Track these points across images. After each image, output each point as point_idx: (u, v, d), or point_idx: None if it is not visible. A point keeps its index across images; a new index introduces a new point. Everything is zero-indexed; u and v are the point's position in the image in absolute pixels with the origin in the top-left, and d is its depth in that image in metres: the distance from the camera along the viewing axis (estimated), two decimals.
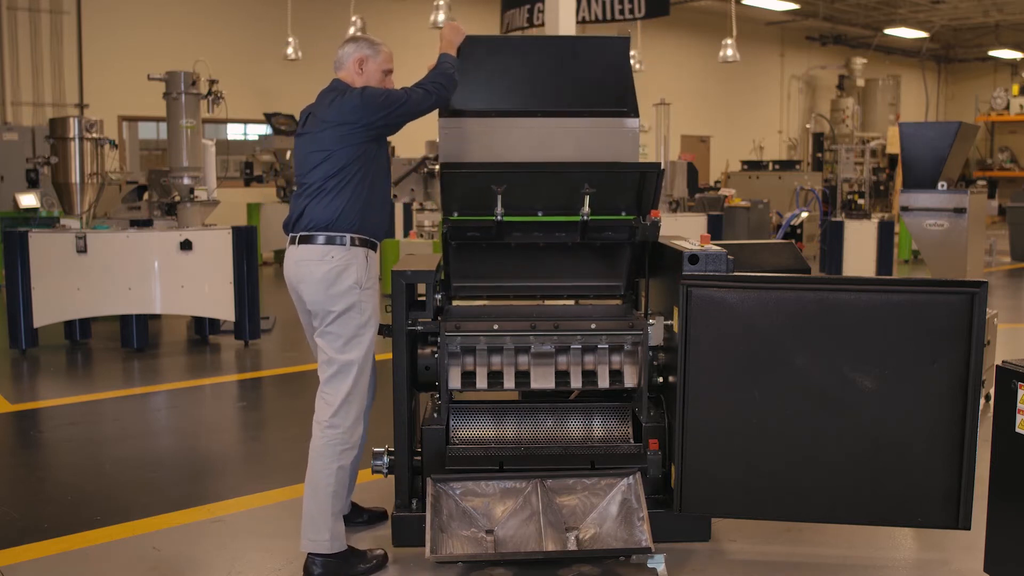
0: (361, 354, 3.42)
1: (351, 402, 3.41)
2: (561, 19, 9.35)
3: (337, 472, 3.40)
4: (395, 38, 16.35)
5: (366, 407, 3.57)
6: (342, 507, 3.46)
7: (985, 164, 26.16)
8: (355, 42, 3.54)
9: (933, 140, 6.48)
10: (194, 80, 8.00)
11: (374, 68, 3.51)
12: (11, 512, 4.11)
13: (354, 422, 3.43)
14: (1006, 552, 3.06)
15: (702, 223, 11.34)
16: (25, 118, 13.40)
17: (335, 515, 3.40)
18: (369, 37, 3.60)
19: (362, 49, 3.51)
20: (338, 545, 3.40)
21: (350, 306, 3.38)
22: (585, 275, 4.06)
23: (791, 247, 4.15)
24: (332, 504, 3.39)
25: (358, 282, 3.39)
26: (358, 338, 3.41)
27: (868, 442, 3.34)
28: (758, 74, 23.47)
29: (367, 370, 3.47)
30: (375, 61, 3.51)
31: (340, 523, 3.43)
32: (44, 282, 7.34)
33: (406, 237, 11.29)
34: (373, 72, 3.51)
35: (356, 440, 3.46)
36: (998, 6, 21.90)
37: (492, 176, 3.51)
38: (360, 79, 3.49)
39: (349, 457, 3.44)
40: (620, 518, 3.44)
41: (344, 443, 3.41)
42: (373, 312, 3.45)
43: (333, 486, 3.39)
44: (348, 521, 3.79)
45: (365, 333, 3.42)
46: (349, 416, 3.41)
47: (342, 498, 3.45)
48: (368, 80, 3.50)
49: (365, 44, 3.53)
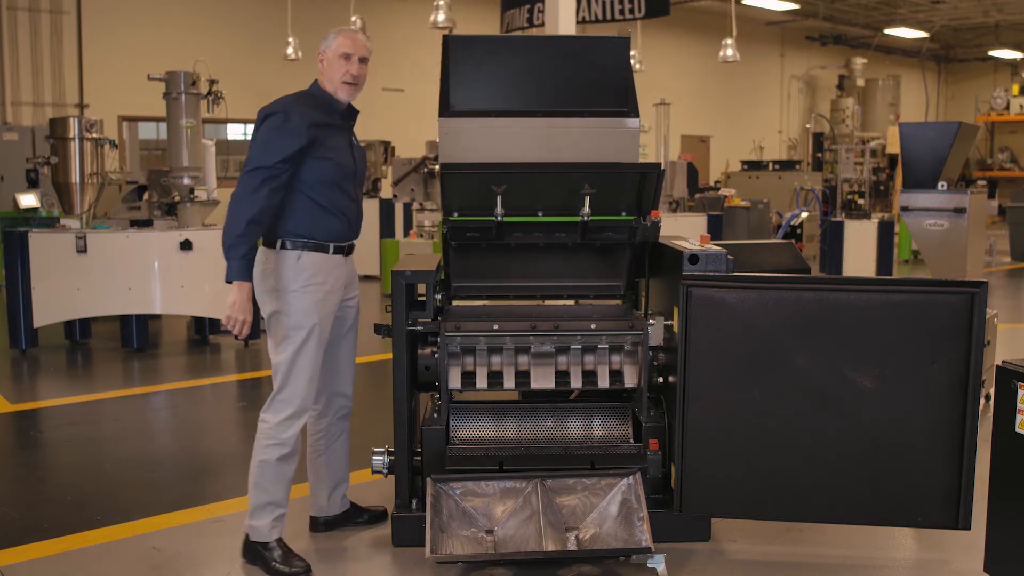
0: (287, 357, 3.38)
1: (282, 401, 3.41)
2: (561, 19, 9.34)
3: (260, 465, 3.42)
4: (395, 38, 16.44)
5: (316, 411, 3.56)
6: (268, 501, 3.43)
7: (985, 164, 26.16)
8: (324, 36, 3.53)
9: (933, 140, 6.48)
10: (194, 80, 8.00)
11: (330, 57, 3.45)
12: (11, 512, 4.11)
13: (283, 422, 3.40)
14: (1006, 552, 3.06)
15: (702, 223, 11.34)
16: (25, 118, 13.40)
17: (257, 507, 3.43)
18: (338, 27, 3.56)
19: (322, 43, 3.50)
20: (257, 535, 3.45)
21: (276, 308, 3.40)
22: (585, 275, 4.06)
23: (791, 247, 4.15)
24: (253, 495, 3.44)
25: (283, 285, 3.37)
26: (286, 340, 3.39)
27: (868, 442, 3.34)
28: (758, 74, 23.47)
29: (300, 374, 3.40)
30: (330, 50, 3.45)
31: (263, 517, 3.43)
32: (44, 282, 7.34)
33: (406, 237, 11.28)
34: (331, 60, 3.45)
35: (286, 439, 3.41)
36: (998, 6, 21.90)
37: (492, 176, 3.51)
38: (321, 70, 3.49)
39: (274, 454, 3.40)
40: (620, 518, 3.44)
41: (269, 438, 3.41)
42: (304, 315, 3.38)
43: (255, 477, 3.43)
44: (348, 520, 3.81)
45: (293, 336, 3.38)
46: (278, 415, 3.41)
47: (269, 493, 3.42)
48: (327, 69, 3.46)
49: (325, 37, 3.51)
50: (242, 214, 3.24)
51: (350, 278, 3.63)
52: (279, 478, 3.44)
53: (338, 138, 3.50)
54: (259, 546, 3.46)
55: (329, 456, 3.74)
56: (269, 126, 3.33)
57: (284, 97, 3.42)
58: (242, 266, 3.26)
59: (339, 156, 3.46)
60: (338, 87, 3.47)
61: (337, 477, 3.78)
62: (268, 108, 3.39)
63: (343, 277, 3.55)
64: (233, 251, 3.24)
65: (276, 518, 3.46)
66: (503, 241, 3.74)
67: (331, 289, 3.47)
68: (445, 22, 11.41)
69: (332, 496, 3.79)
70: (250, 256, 3.28)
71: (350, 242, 3.57)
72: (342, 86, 3.47)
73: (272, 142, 3.31)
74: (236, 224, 3.24)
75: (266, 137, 3.32)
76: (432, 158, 10.75)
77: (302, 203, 3.39)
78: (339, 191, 3.47)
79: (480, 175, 3.52)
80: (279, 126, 3.32)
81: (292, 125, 3.32)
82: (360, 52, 3.47)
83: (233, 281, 3.26)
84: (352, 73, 3.46)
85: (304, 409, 3.46)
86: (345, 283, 3.57)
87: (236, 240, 3.24)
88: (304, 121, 3.34)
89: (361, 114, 3.66)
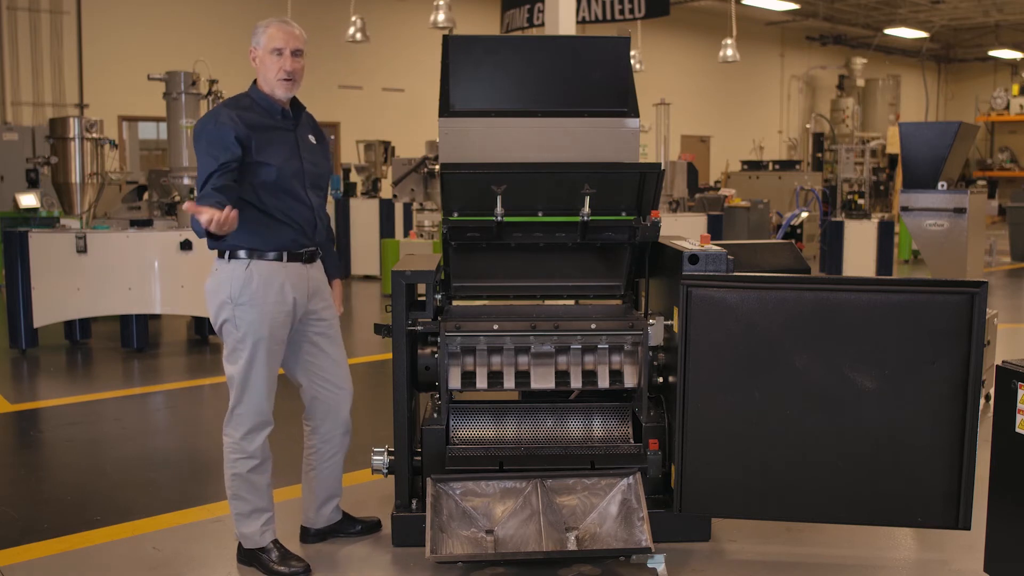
0: (239, 369, 3.30)
1: (240, 415, 3.35)
2: (561, 19, 9.35)
3: (233, 479, 3.38)
4: (395, 38, 16.44)
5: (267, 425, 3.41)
6: (251, 508, 3.40)
7: (985, 164, 26.17)
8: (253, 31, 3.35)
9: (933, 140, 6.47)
10: (194, 80, 8.00)
11: (262, 54, 3.28)
12: (11, 512, 4.11)
13: (245, 435, 3.34)
14: (1006, 552, 3.06)
15: (702, 223, 11.34)
16: (25, 118, 13.41)
17: (241, 516, 3.41)
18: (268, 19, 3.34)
19: (252, 39, 3.32)
20: (250, 543, 3.44)
21: (224, 319, 3.30)
22: (585, 275, 4.06)
23: (791, 247, 4.15)
24: (234, 506, 3.42)
25: (231, 295, 3.26)
26: (236, 352, 3.30)
27: (868, 442, 3.34)
28: (758, 74, 23.48)
29: (254, 388, 3.32)
30: (260, 46, 3.28)
31: (251, 524, 3.41)
32: (44, 282, 7.34)
33: (406, 237, 11.28)
34: (262, 58, 3.28)
35: (253, 451, 3.35)
36: (998, 6, 21.90)
37: (492, 176, 3.51)
38: (255, 67, 3.33)
39: (243, 467, 3.35)
40: (620, 518, 3.44)
41: (236, 452, 3.36)
42: (252, 326, 3.26)
43: (231, 491, 3.41)
44: (341, 531, 3.73)
45: (242, 348, 3.28)
46: (239, 428, 3.35)
47: (250, 502, 3.39)
48: (260, 67, 3.29)
49: (255, 31, 3.32)
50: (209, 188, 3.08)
51: (316, 286, 3.46)
52: (255, 487, 3.39)
53: (280, 140, 3.32)
54: (255, 552, 3.44)
55: (320, 472, 3.64)
56: (202, 140, 3.19)
57: (213, 107, 3.30)
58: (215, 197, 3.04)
59: (280, 159, 3.28)
60: (274, 85, 3.30)
61: (327, 493, 3.67)
62: (199, 121, 3.26)
63: (302, 286, 3.39)
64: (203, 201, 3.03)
65: (264, 522, 3.43)
66: (503, 241, 3.74)
67: (283, 300, 3.33)
68: (445, 22, 11.42)
69: (321, 510, 3.68)
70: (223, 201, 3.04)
71: (307, 249, 3.41)
72: (278, 84, 3.29)
73: (211, 148, 3.16)
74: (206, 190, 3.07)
75: (204, 147, 3.18)
76: (432, 158, 10.75)
77: (247, 212, 3.21)
78: (286, 196, 3.30)
79: (480, 175, 3.52)
80: (211, 130, 3.18)
81: (221, 125, 3.18)
82: (292, 44, 3.28)
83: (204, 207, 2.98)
84: (286, 69, 3.28)
85: (263, 421, 3.37)
86: (310, 292, 3.42)
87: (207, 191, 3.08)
88: (232, 121, 3.19)
89: (361, 114, 3.63)
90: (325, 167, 3.54)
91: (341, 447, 3.66)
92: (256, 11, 15.19)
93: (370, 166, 13.84)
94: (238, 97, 3.36)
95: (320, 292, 3.50)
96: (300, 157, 3.37)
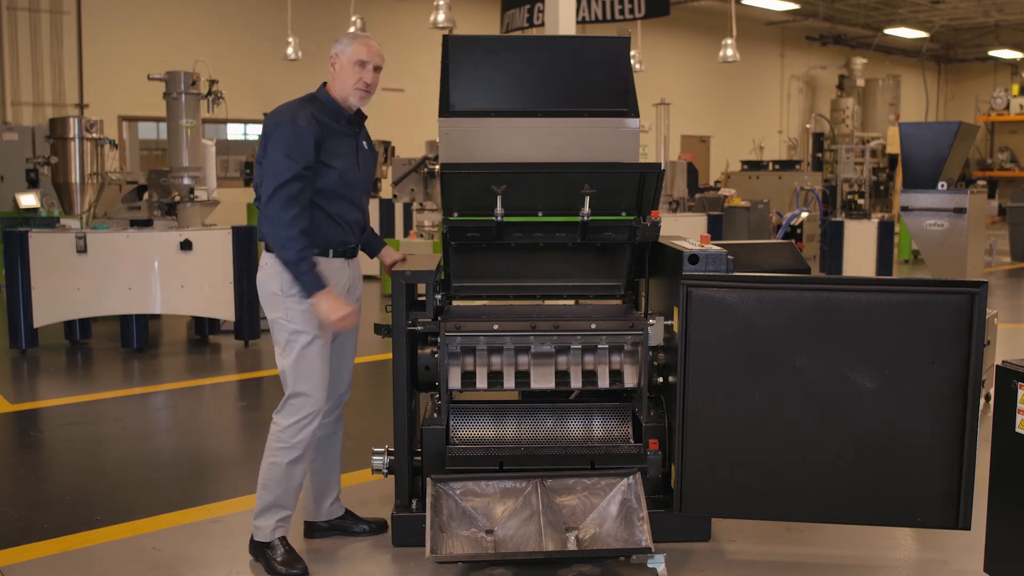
0: (291, 362, 3.39)
1: (292, 405, 3.42)
2: (561, 19, 9.35)
3: (270, 467, 3.43)
4: (395, 38, 16.43)
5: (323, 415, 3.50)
6: (273, 503, 3.44)
7: (985, 164, 26.18)
8: (337, 40, 3.51)
9: (933, 140, 6.47)
10: (194, 80, 8.00)
11: (344, 62, 3.42)
12: (11, 512, 4.11)
13: (293, 425, 3.40)
14: (1006, 552, 3.06)
15: (702, 223, 11.35)
16: (25, 118, 13.40)
17: (263, 508, 3.45)
18: (353, 32, 3.55)
19: (335, 47, 3.48)
20: (261, 535, 3.47)
21: (277, 313, 3.40)
22: (585, 275, 4.06)
23: (791, 247, 4.15)
24: (260, 495, 3.45)
25: (283, 290, 3.37)
26: (289, 345, 3.39)
27: (868, 442, 3.34)
28: (758, 74, 23.48)
29: (308, 378, 3.40)
30: (344, 55, 3.42)
31: (267, 517, 3.45)
32: (44, 282, 7.34)
33: (406, 237, 11.29)
34: (344, 66, 3.41)
35: (296, 443, 3.41)
36: (998, 6, 21.90)
37: (492, 176, 3.51)
38: (333, 74, 3.46)
39: (284, 457, 3.41)
40: (620, 518, 3.44)
41: (280, 441, 3.42)
42: (304, 320, 3.37)
43: (263, 479, 3.45)
44: (345, 531, 3.76)
45: (294, 341, 3.38)
46: (289, 418, 3.42)
47: (275, 495, 3.43)
48: (340, 75, 3.43)
49: (340, 41, 3.48)
50: (291, 230, 3.25)
51: (352, 281, 3.60)
52: (288, 481, 3.44)
53: (343, 145, 3.45)
54: (263, 545, 3.47)
55: (319, 463, 3.68)
56: (280, 136, 3.31)
57: (288, 103, 3.39)
58: (316, 276, 3.28)
59: (343, 164, 3.43)
60: (350, 93, 3.43)
61: (324, 485, 3.72)
62: (275, 117, 3.36)
63: (344, 280, 3.52)
64: (303, 265, 3.26)
65: (280, 519, 3.46)
66: (503, 241, 3.74)
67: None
68: (445, 22, 11.42)
69: (320, 503, 3.74)
70: (316, 264, 3.31)
71: (352, 246, 3.57)
72: (355, 92, 3.43)
73: (290, 151, 3.28)
74: (290, 243, 3.25)
75: (282, 147, 3.29)
76: (432, 158, 10.75)
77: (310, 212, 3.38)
78: (341, 200, 3.45)
79: (480, 175, 3.52)
80: (291, 133, 3.30)
81: (302, 129, 3.30)
82: (375, 60, 3.45)
83: (315, 292, 3.27)
84: (366, 81, 3.43)
85: (316, 412, 3.44)
86: (348, 286, 3.55)
87: (301, 256, 3.25)
88: (312, 124, 3.33)
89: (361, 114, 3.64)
90: (374, 172, 3.72)
91: (337, 435, 3.74)
92: (256, 11, 15.22)
93: None
94: (307, 98, 3.46)
95: (354, 286, 3.63)
96: (359, 164, 3.52)
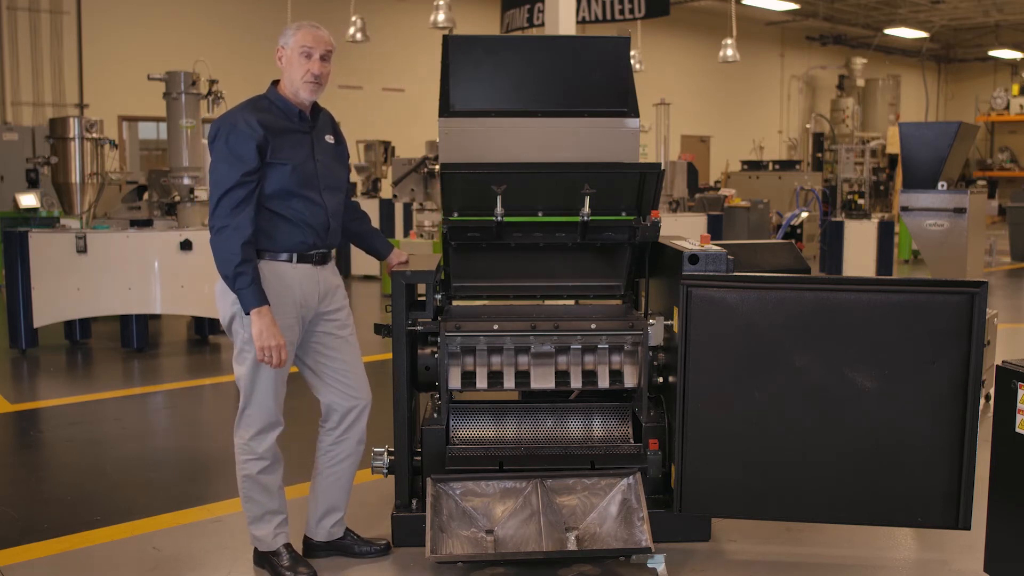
0: (247, 370, 3.28)
1: (249, 416, 3.33)
2: (561, 19, 9.35)
3: (244, 480, 3.37)
4: (395, 38, 16.43)
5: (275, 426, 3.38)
6: (264, 511, 3.39)
7: (985, 164, 26.18)
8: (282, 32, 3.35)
9: (933, 140, 6.47)
10: (194, 80, 8.01)
11: (290, 55, 3.25)
12: (11, 512, 4.11)
13: (254, 438, 3.32)
14: (1006, 552, 3.06)
15: (702, 223, 11.34)
16: (25, 118, 13.41)
17: (253, 519, 3.40)
18: (297, 23, 3.34)
19: (280, 39, 3.30)
20: (263, 546, 3.43)
21: (232, 319, 3.28)
22: (585, 275, 4.06)
23: (791, 247, 4.15)
24: (247, 508, 3.40)
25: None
26: (243, 352, 3.28)
27: (868, 442, 3.34)
28: (758, 74, 23.49)
29: (263, 389, 3.30)
30: (288, 47, 3.25)
31: (263, 527, 3.40)
32: (44, 282, 7.34)
33: (406, 237, 11.29)
34: (291, 58, 3.25)
35: (263, 452, 3.33)
36: (998, 6, 21.91)
37: (492, 176, 3.51)
38: (281, 69, 3.32)
39: (254, 468, 3.33)
40: (620, 518, 3.44)
41: (246, 454, 3.34)
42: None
43: (243, 493, 3.39)
44: (348, 552, 3.58)
45: (249, 348, 3.24)
46: (248, 430, 3.33)
47: (262, 504, 3.38)
48: (287, 68, 3.27)
49: (283, 32, 3.31)
50: (233, 242, 3.10)
51: (327, 288, 3.41)
52: (267, 489, 3.37)
53: (295, 142, 3.28)
54: (267, 555, 3.43)
55: (326, 478, 3.53)
56: (220, 145, 3.17)
57: (232, 108, 3.26)
58: (254, 292, 3.12)
59: (296, 161, 3.25)
60: (299, 87, 3.26)
61: (329, 503, 3.55)
62: (215, 125, 3.23)
63: (313, 288, 3.35)
64: (240, 281, 3.11)
65: (277, 524, 3.41)
66: (503, 241, 3.74)
67: (292, 301, 3.29)
68: (445, 22, 11.43)
69: (321, 522, 3.56)
70: (257, 278, 3.15)
71: (319, 251, 3.36)
72: (304, 85, 3.26)
73: (230, 158, 3.14)
74: (230, 255, 3.10)
75: (222, 156, 3.16)
76: (432, 158, 10.76)
77: (260, 213, 3.21)
78: (299, 199, 3.27)
79: (480, 175, 3.52)
80: (232, 140, 3.15)
81: (242, 134, 3.15)
82: (321, 47, 3.26)
83: (251, 311, 3.13)
84: (314, 72, 3.25)
85: (273, 422, 3.35)
86: (321, 294, 3.38)
87: (237, 271, 3.10)
88: (253, 127, 3.16)
89: (361, 114, 3.61)
90: (341, 168, 3.51)
91: (352, 453, 3.54)
92: (256, 11, 15.22)
93: (370, 166, 13.83)
94: (256, 99, 3.32)
95: (333, 294, 3.44)
96: (315, 159, 3.34)
